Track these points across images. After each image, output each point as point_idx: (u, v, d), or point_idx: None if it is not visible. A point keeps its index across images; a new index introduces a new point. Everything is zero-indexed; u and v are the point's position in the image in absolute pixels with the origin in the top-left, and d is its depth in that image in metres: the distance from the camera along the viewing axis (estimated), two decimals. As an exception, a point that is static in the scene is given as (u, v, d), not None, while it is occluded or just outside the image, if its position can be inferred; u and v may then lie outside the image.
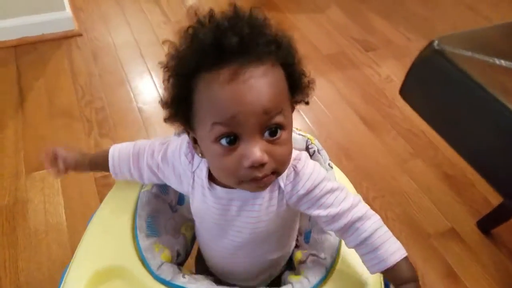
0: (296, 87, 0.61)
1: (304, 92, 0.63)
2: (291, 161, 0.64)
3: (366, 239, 0.63)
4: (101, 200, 1.33)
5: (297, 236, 0.84)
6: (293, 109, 0.63)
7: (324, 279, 0.68)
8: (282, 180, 0.65)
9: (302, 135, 0.86)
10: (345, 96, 1.83)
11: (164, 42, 0.59)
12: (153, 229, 0.76)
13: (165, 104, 0.60)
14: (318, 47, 2.09)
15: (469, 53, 0.67)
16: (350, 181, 0.88)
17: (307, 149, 0.85)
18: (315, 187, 0.64)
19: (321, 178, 0.65)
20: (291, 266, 0.83)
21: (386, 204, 1.42)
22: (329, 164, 0.82)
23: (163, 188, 0.81)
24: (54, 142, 1.53)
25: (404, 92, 0.83)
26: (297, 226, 0.80)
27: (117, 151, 0.77)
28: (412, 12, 2.41)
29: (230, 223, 0.68)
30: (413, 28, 2.26)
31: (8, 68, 1.83)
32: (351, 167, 1.52)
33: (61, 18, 2.00)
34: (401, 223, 1.37)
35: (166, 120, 0.61)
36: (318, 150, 0.84)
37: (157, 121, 1.64)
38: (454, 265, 1.27)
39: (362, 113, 1.75)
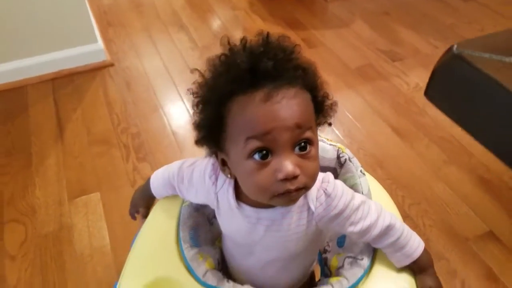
0: (320, 109, 0.65)
1: (327, 114, 0.66)
2: (320, 184, 0.67)
3: (393, 242, 0.70)
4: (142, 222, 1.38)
5: (328, 242, 0.86)
6: (316, 124, 0.66)
7: (362, 278, 0.70)
8: (312, 202, 0.67)
9: (332, 144, 0.87)
10: (375, 108, 1.84)
11: (192, 70, 0.62)
12: (195, 241, 0.78)
13: (197, 127, 0.63)
14: (345, 61, 2.12)
15: (486, 55, 0.73)
16: (384, 188, 0.90)
17: (338, 158, 0.86)
18: (347, 207, 0.67)
19: (350, 197, 0.68)
20: (325, 273, 0.85)
21: (423, 211, 1.41)
22: (361, 171, 0.83)
23: None
24: (94, 169, 1.60)
25: (429, 93, 0.92)
26: (322, 239, 0.83)
27: (155, 180, 0.85)
28: (438, 21, 2.42)
29: (258, 241, 0.70)
30: (441, 36, 2.26)
31: (47, 100, 1.91)
32: (385, 177, 1.52)
33: (94, 50, 2.08)
34: (439, 229, 1.36)
35: (197, 142, 0.64)
36: (349, 158, 0.85)
37: (191, 144, 1.67)
38: (494, 267, 1.27)
39: (394, 124, 1.75)
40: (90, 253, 1.33)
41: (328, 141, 0.88)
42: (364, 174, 0.84)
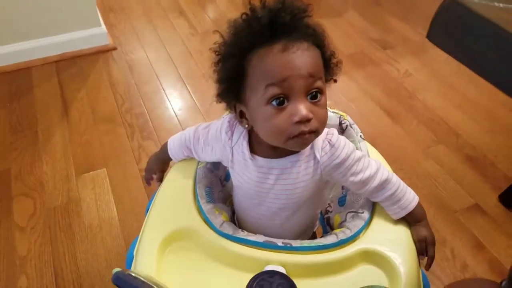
0: (327, 66, 0.72)
1: (333, 71, 0.74)
2: (325, 135, 0.75)
3: (390, 195, 0.78)
4: (148, 196, 1.46)
5: (329, 203, 0.95)
6: (325, 79, 0.73)
7: (363, 228, 0.78)
8: (318, 151, 0.75)
9: (335, 112, 0.96)
10: (368, 91, 1.93)
11: (215, 31, 0.70)
12: (210, 197, 0.85)
13: (218, 81, 0.71)
14: (340, 48, 2.18)
15: (476, 0, 0.92)
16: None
17: (340, 124, 0.95)
18: (348, 157, 0.75)
19: (352, 149, 0.76)
20: (327, 231, 0.93)
21: (413, 185, 1.45)
22: (360, 136, 0.92)
23: (215, 165, 0.92)
24: (100, 146, 1.66)
25: (430, 36, 1.09)
26: (324, 193, 0.91)
27: (172, 143, 0.92)
28: (426, 11, 2.48)
29: (268, 190, 0.78)
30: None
31: (51, 81, 1.97)
32: (378, 153, 1.61)
33: (97, 34, 2.14)
34: (428, 201, 1.45)
35: (218, 95, 0.73)
36: (350, 124, 0.95)
37: (192, 123, 1.74)
38: (480, 236, 1.36)
39: (385, 106, 1.85)
40: (99, 224, 1.39)
41: (331, 109, 0.97)
42: (363, 139, 0.93)
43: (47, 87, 1.95)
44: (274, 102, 0.65)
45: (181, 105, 1.87)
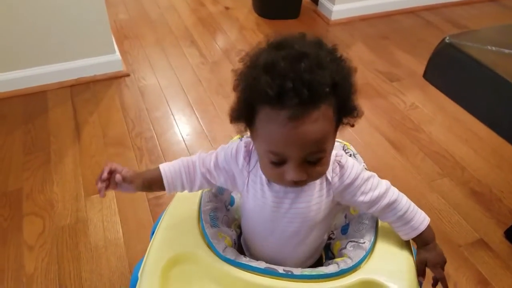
0: (346, 114, 0.68)
1: (352, 120, 0.70)
2: (335, 157, 0.78)
3: (401, 216, 0.80)
4: (153, 218, 1.48)
5: (333, 231, 0.97)
6: (337, 129, 0.70)
7: (365, 258, 0.79)
8: (329, 174, 0.77)
9: (339, 141, 0.99)
10: (374, 123, 1.96)
11: (240, 60, 0.68)
12: (215, 222, 0.87)
13: (232, 109, 0.70)
14: (346, 79, 2.24)
15: (470, 44, 1.00)
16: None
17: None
18: (358, 177, 0.77)
19: (360, 169, 0.79)
20: (329, 257, 0.95)
21: (417, 218, 1.50)
22: (364, 166, 0.95)
23: (220, 190, 0.95)
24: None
25: (427, 76, 1.20)
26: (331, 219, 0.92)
27: (168, 170, 0.82)
28: (433, 46, 2.52)
29: (284, 214, 0.79)
30: (435, 61, 2.39)
31: (65, 105, 2.03)
32: (383, 185, 1.63)
33: (111, 61, 2.20)
34: (433, 235, 1.45)
35: (231, 121, 0.70)
36: (353, 154, 0.97)
37: (199, 148, 1.78)
38: (484, 272, 1.35)
39: (391, 138, 1.87)
40: (104, 245, 1.42)
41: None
42: (366, 169, 0.95)
43: (61, 109, 2.00)
44: (273, 159, 0.67)
45: (189, 130, 1.91)
